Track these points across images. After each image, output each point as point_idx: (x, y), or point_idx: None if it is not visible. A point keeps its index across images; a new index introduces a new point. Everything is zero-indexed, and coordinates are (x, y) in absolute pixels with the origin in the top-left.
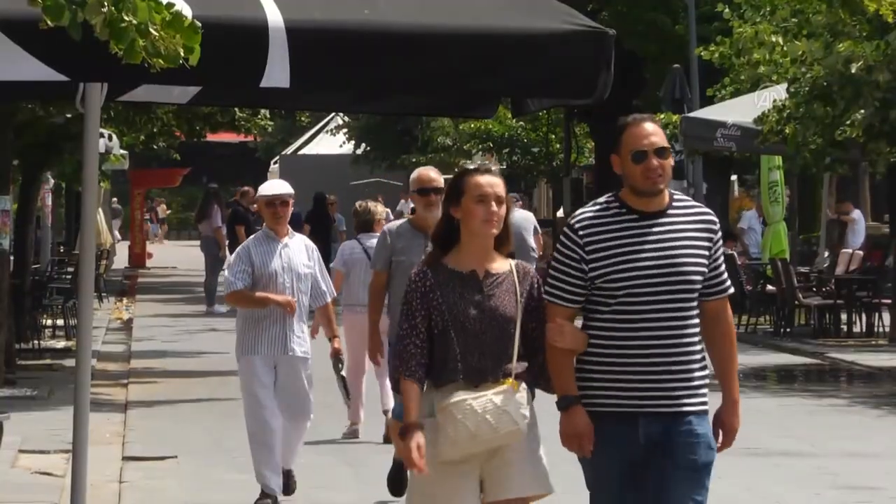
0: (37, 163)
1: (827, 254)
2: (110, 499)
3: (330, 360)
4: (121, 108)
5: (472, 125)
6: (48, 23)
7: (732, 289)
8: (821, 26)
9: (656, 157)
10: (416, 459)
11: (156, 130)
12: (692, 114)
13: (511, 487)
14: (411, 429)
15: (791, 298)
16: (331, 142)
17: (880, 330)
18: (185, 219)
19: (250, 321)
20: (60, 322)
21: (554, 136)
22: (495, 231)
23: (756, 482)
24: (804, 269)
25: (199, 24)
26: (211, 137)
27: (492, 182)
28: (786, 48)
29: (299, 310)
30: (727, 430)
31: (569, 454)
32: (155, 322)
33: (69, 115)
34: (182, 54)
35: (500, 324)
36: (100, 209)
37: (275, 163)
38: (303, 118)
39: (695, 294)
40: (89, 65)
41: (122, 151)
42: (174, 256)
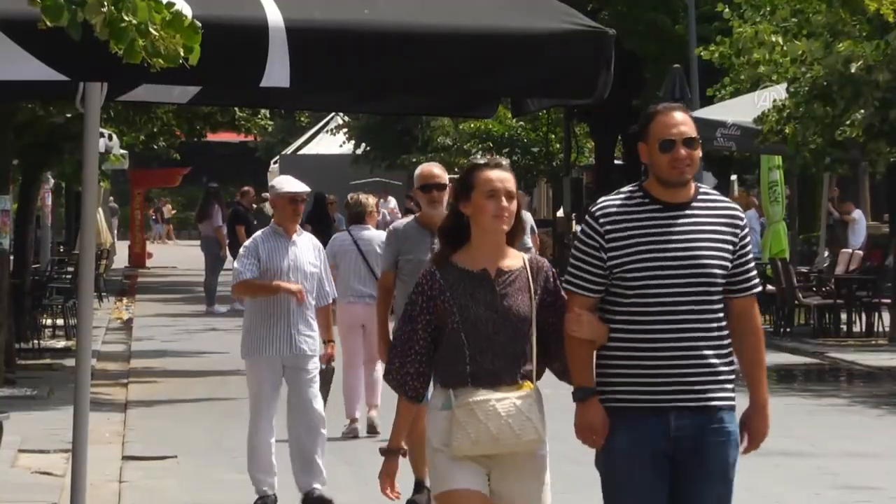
0: (37, 163)
1: (827, 253)
2: (110, 498)
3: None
4: (121, 107)
5: (472, 125)
6: (47, 23)
7: (760, 287)
8: (821, 26)
9: (685, 146)
10: (385, 488)
11: (156, 130)
12: (692, 113)
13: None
14: (392, 454)
15: (791, 298)
16: (331, 142)
17: (880, 330)
18: (185, 218)
19: (258, 318)
20: (60, 322)
21: (554, 136)
22: (506, 227)
23: (756, 482)
24: (804, 268)
25: (199, 24)
26: (211, 137)
27: (502, 177)
28: (786, 48)
29: (305, 308)
30: (754, 435)
31: (569, 454)
32: (155, 322)
33: (69, 115)
34: (182, 54)
35: (514, 323)
36: (99, 209)
37: (275, 162)
38: (303, 118)
39: (717, 288)
40: (89, 65)
41: (122, 151)
42: (174, 256)
